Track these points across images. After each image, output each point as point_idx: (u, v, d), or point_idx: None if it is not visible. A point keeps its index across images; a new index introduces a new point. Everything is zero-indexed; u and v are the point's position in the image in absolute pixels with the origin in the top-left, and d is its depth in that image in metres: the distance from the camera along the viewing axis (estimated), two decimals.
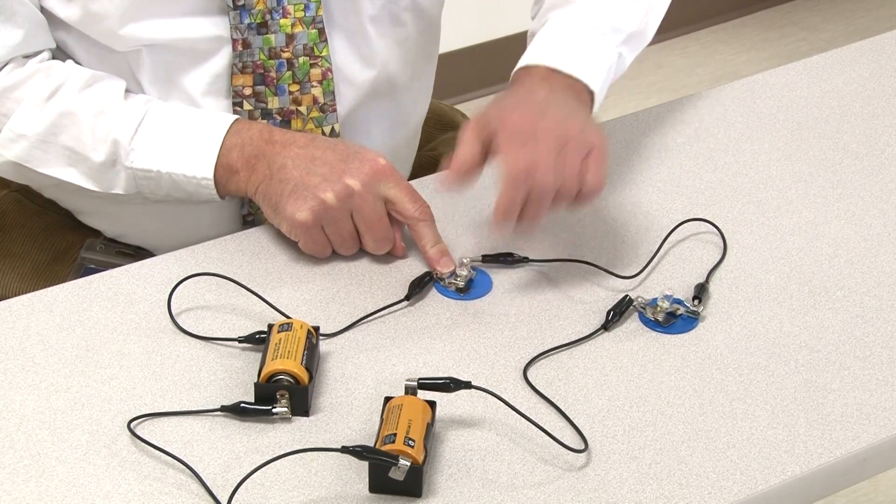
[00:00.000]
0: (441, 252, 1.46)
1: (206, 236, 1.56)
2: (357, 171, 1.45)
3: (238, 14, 1.54)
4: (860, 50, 1.84)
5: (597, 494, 1.25)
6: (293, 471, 1.26)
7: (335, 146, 1.48)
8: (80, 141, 1.51)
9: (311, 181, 1.45)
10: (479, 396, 1.32)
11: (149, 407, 1.32)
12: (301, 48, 1.57)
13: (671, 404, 1.34)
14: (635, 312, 1.43)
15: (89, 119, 1.51)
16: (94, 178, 1.53)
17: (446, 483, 1.26)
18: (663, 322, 1.42)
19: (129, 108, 1.52)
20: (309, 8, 1.56)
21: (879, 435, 1.31)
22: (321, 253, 1.48)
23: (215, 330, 1.40)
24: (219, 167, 1.50)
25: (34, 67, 1.53)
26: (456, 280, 1.45)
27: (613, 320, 1.42)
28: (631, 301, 1.43)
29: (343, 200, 1.45)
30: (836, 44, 3.50)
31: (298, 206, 1.45)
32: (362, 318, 1.42)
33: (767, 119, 1.72)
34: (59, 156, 1.52)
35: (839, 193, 1.60)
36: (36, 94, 1.52)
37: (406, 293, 1.44)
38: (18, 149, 1.53)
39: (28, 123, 1.51)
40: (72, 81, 1.52)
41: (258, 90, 1.57)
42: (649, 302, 1.43)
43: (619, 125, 1.70)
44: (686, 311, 1.42)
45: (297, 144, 1.48)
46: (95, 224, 1.67)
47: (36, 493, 1.24)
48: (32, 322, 1.41)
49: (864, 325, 1.43)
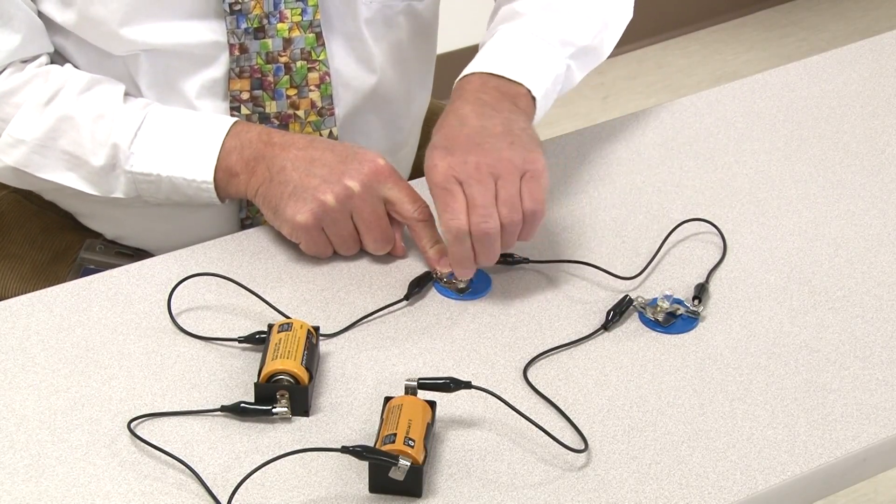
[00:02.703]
0: (441, 252, 1.46)
1: (205, 240, 1.55)
2: (356, 173, 1.45)
3: (235, 19, 1.54)
4: (860, 50, 1.84)
5: (597, 494, 1.25)
6: (293, 471, 1.26)
7: (334, 147, 1.48)
8: (80, 145, 1.51)
9: (311, 183, 1.45)
10: (479, 396, 1.32)
11: (149, 407, 1.32)
12: (298, 52, 1.57)
13: (671, 404, 1.34)
14: (635, 312, 1.43)
15: (88, 123, 1.51)
16: (94, 183, 1.53)
17: (446, 483, 1.26)
18: (663, 322, 1.42)
19: (129, 111, 1.52)
20: (306, 12, 1.56)
21: (879, 435, 1.31)
22: (322, 254, 1.48)
23: (215, 330, 1.40)
24: (218, 170, 1.50)
25: (33, 72, 1.53)
26: (455, 280, 1.45)
27: (613, 320, 1.42)
28: (631, 301, 1.43)
29: (343, 202, 1.45)
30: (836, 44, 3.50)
31: (298, 208, 1.45)
32: (362, 318, 1.42)
33: (767, 119, 1.71)
34: (58, 160, 1.52)
35: (839, 193, 1.60)
36: (35, 99, 1.52)
37: (405, 293, 1.45)
38: (17, 154, 1.52)
39: (27, 128, 1.51)
40: (70, 85, 1.52)
41: (256, 94, 1.57)
42: (649, 302, 1.43)
43: (619, 125, 1.70)
44: (686, 312, 1.42)
45: (296, 146, 1.48)
46: (95, 226, 1.67)
47: (36, 493, 1.24)
48: (32, 322, 1.41)
49: (864, 325, 1.43)
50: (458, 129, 1.46)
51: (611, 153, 1.65)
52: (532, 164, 1.42)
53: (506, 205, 1.40)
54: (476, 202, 1.40)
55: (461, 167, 1.41)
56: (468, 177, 1.40)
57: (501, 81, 1.51)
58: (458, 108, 1.48)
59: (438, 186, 1.41)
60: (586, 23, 1.60)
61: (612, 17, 1.64)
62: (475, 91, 1.50)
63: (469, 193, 1.40)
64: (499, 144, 1.43)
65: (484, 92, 1.49)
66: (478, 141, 1.43)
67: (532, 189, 1.41)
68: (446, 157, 1.42)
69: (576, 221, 1.55)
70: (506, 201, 1.40)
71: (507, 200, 1.40)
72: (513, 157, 1.42)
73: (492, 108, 1.47)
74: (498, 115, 1.47)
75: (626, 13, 1.66)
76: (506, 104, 1.49)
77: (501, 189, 1.41)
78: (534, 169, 1.42)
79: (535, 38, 1.55)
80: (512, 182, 1.41)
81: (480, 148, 1.43)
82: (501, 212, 1.40)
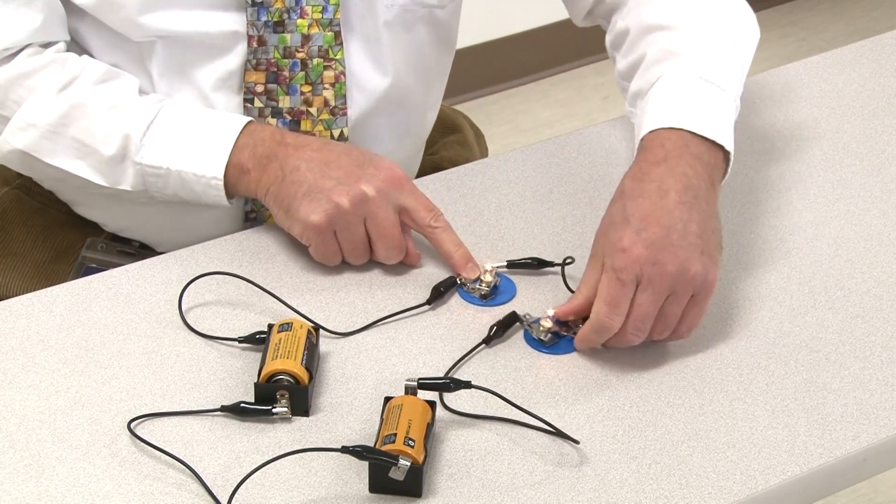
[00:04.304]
0: (466, 257, 1.45)
1: (209, 232, 1.55)
2: (373, 178, 1.45)
3: (255, 11, 1.54)
4: (860, 50, 1.84)
5: (597, 494, 1.25)
6: (293, 471, 1.26)
7: (349, 151, 1.48)
8: (91, 133, 1.51)
9: (326, 184, 1.44)
10: (479, 396, 1.32)
11: (149, 407, 1.32)
12: (316, 49, 1.57)
13: (671, 404, 1.34)
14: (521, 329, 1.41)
15: (101, 113, 1.51)
16: (102, 172, 1.52)
17: (446, 483, 1.26)
18: (547, 342, 1.39)
19: (143, 104, 1.51)
20: (327, 10, 1.56)
21: (879, 435, 1.31)
22: (331, 260, 1.47)
23: (216, 329, 1.40)
24: (229, 166, 1.49)
25: (50, 57, 1.52)
26: (479, 286, 1.45)
27: (496, 336, 1.39)
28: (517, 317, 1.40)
29: (357, 205, 1.44)
30: (836, 44, 3.50)
31: (312, 208, 1.44)
32: (381, 319, 1.41)
33: (767, 119, 1.71)
34: (68, 147, 1.52)
35: (839, 193, 1.60)
36: (49, 84, 1.51)
37: (428, 297, 1.44)
38: (27, 138, 1.52)
39: (39, 113, 1.51)
40: (86, 74, 1.52)
41: (270, 88, 1.57)
42: (533, 320, 1.40)
43: (620, 125, 1.70)
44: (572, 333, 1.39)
45: (310, 147, 1.48)
46: (95, 217, 1.67)
47: (36, 493, 1.24)
48: (32, 322, 1.41)
49: (864, 325, 1.43)
50: (657, 212, 1.37)
51: (611, 153, 1.65)
52: (708, 284, 1.36)
53: (663, 322, 1.36)
54: (639, 313, 1.35)
55: (649, 268, 1.34)
56: (648, 282, 1.35)
57: (701, 146, 1.43)
58: (662, 177, 1.40)
59: (617, 273, 1.35)
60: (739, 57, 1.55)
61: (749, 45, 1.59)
62: (677, 158, 1.42)
63: (638, 299, 1.35)
64: (691, 254, 1.36)
65: (688, 163, 1.41)
66: (674, 241, 1.35)
67: (694, 315, 1.37)
68: (638, 246, 1.35)
69: (576, 221, 1.55)
70: (665, 319, 1.36)
71: (667, 318, 1.36)
72: (696, 275, 1.35)
73: (694, 196, 1.39)
74: (697, 205, 1.39)
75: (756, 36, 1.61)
76: (705, 180, 1.42)
77: (668, 304, 1.36)
78: (706, 290, 1.37)
79: (709, 84, 1.49)
80: (682, 300, 1.36)
81: (673, 253, 1.35)
82: (655, 327, 1.36)
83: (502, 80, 3.46)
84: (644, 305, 1.35)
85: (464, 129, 1.92)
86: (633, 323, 1.35)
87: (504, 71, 3.45)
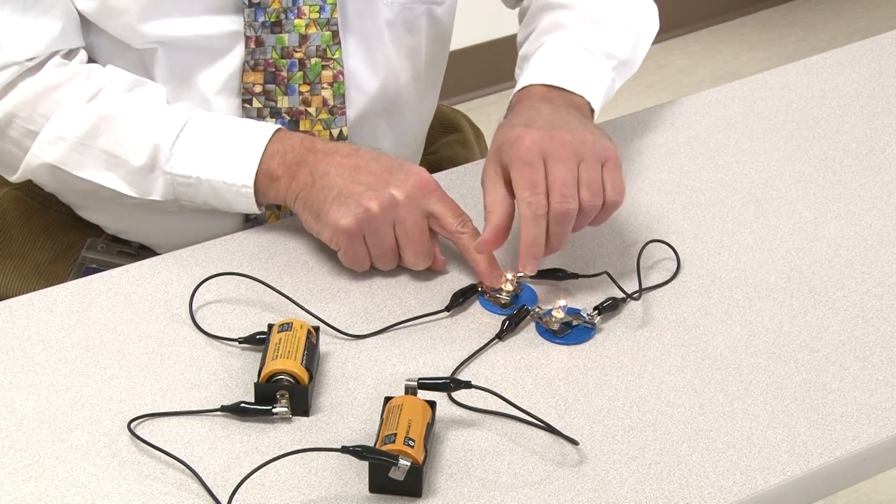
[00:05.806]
0: (493, 265, 1.45)
1: (207, 233, 1.55)
2: (402, 183, 1.45)
3: (253, 11, 1.54)
4: (860, 50, 1.84)
5: (597, 494, 1.25)
6: (293, 471, 1.26)
7: (379, 157, 1.48)
8: (120, 144, 1.50)
9: (356, 189, 1.44)
10: (479, 396, 1.32)
11: (149, 407, 1.32)
12: (314, 49, 1.57)
13: (671, 404, 1.34)
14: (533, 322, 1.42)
15: (130, 123, 1.50)
16: (132, 183, 1.52)
17: (446, 483, 1.26)
18: (558, 332, 1.40)
19: (172, 114, 1.51)
20: (324, 10, 1.56)
21: (879, 435, 1.31)
22: (360, 265, 1.46)
23: (217, 329, 1.40)
24: (259, 174, 1.48)
25: (76, 69, 1.52)
26: (500, 295, 1.45)
27: (508, 330, 1.40)
28: (528, 311, 1.41)
29: (387, 210, 1.44)
30: (836, 44, 3.50)
31: (342, 212, 1.44)
32: (398, 322, 1.41)
33: (767, 119, 1.72)
34: (97, 159, 1.52)
35: (839, 193, 1.60)
36: (76, 97, 1.51)
37: (447, 304, 1.43)
38: (56, 151, 1.52)
39: (68, 125, 1.51)
40: (113, 85, 1.52)
41: (268, 89, 1.57)
42: (545, 312, 1.41)
43: (619, 125, 1.70)
44: (584, 323, 1.41)
45: (340, 153, 1.48)
46: (95, 219, 1.67)
47: (36, 493, 1.24)
48: (32, 322, 1.41)
49: (864, 325, 1.43)
50: (535, 114, 1.46)
51: None
52: (612, 152, 1.43)
53: (589, 189, 1.40)
54: (559, 181, 1.39)
55: (547, 142, 1.41)
56: (553, 153, 1.40)
57: (563, 92, 1.52)
58: (530, 105, 1.49)
59: (522, 160, 1.40)
60: (624, 35, 1.62)
61: (644, 30, 1.67)
62: (541, 97, 1.51)
63: (552, 172, 1.39)
64: (580, 129, 1.44)
65: (550, 99, 1.51)
66: (559, 124, 1.44)
67: (614, 178, 1.42)
68: (531, 132, 1.42)
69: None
70: (589, 185, 1.40)
71: (590, 184, 1.40)
72: (595, 142, 1.43)
73: (564, 108, 1.49)
74: (570, 114, 1.48)
75: (654, 26, 1.69)
76: (573, 109, 1.50)
77: (584, 172, 1.40)
78: (615, 157, 1.43)
79: (584, 50, 1.58)
80: (594, 167, 1.41)
81: (565, 129, 1.43)
82: (583, 195, 1.40)
83: (502, 80, 3.45)
84: (559, 173, 1.39)
85: (463, 128, 1.92)
86: (558, 191, 1.39)
87: (504, 71, 3.43)
